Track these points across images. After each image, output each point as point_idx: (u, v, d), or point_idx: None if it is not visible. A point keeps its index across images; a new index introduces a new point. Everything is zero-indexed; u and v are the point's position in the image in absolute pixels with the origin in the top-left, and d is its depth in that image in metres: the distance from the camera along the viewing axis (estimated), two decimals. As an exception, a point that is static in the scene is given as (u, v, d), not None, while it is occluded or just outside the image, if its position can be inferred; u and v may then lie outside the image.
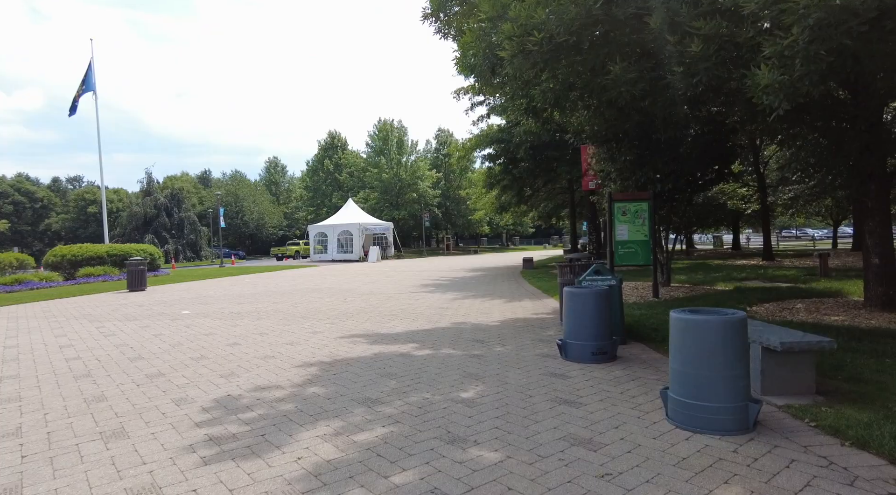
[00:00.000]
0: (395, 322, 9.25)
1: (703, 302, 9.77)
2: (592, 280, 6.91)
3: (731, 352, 3.76)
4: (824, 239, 50.75)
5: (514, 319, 9.23)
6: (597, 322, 5.97)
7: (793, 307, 8.52)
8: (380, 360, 6.33)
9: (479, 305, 11.29)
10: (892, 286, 7.84)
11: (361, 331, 8.39)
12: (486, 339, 7.42)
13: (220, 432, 4.07)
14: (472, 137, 21.24)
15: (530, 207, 29.88)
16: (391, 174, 50.13)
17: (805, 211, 26.33)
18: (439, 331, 8.16)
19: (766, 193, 21.17)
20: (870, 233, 7.91)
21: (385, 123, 54.53)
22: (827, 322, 7.17)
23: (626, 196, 10.60)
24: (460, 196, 54.72)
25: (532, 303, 11.51)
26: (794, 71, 4.04)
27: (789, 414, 4.03)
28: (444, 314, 10.03)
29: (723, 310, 4.04)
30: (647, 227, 10.39)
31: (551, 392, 4.85)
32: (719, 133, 11.17)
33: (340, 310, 10.98)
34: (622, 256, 10.46)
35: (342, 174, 60.67)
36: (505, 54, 5.83)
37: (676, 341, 3.99)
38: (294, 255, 46.29)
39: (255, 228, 66.10)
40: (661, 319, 8.10)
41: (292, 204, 73.68)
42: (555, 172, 21.26)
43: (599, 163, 13.14)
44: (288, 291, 15.90)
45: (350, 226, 38.75)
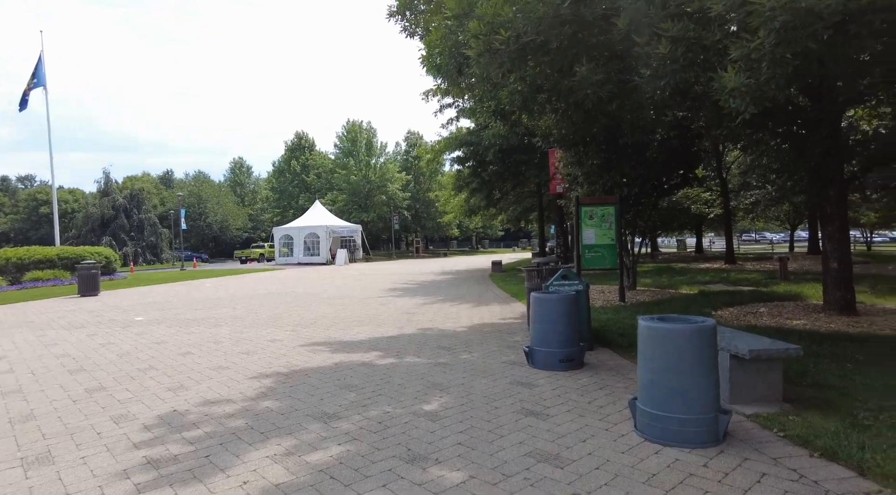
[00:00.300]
0: (360, 328, 8.96)
1: (669, 306, 9.80)
2: (560, 285, 6.79)
3: (700, 362, 3.65)
4: (782, 242, 52.55)
5: (482, 324, 9.06)
6: (564, 328, 5.83)
7: (756, 311, 8.60)
8: (340, 370, 6.05)
9: (446, 310, 11.09)
10: (850, 290, 7.98)
11: (323, 339, 8.08)
12: (452, 346, 7.22)
13: (161, 454, 3.74)
14: (441, 140, 21.09)
15: (499, 210, 29.91)
16: (360, 176, 49.55)
17: (765, 215, 27.09)
18: (405, 338, 7.91)
19: (728, 198, 21.65)
20: (829, 237, 8.04)
21: (354, 124, 53.93)
22: (789, 326, 7.23)
23: (593, 200, 10.57)
24: (430, 198, 54.54)
25: (500, 307, 11.37)
26: (761, 74, 3.98)
27: (758, 423, 3.94)
28: (411, 319, 9.78)
29: (692, 317, 3.94)
30: (614, 231, 10.38)
31: (518, 402, 4.67)
32: (685, 138, 11.27)
33: (302, 317, 10.61)
34: (589, 260, 10.42)
35: (309, 175, 59.72)
36: (471, 53, 5.65)
37: (645, 350, 3.86)
38: (258, 258, 45.26)
39: (219, 230, 64.40)
40: (627, 324, 8.05)
41: (258, 205, 72.12)
42: (523, 176, 21.27)
43: (567, 166, 13.12)
44: (249, 296, 15.38)
45: (317, 228, 38.07)
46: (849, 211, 24.73)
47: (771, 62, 3.84)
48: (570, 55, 5.95)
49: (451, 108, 19.47)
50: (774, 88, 3.97)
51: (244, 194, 76.93)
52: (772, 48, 3.80)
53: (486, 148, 18.93)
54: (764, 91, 4.07)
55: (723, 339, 4.43)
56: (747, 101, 4.13)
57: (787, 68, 3.87)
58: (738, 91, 4.11)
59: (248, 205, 73.77)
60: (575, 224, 10.47)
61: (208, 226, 62.77)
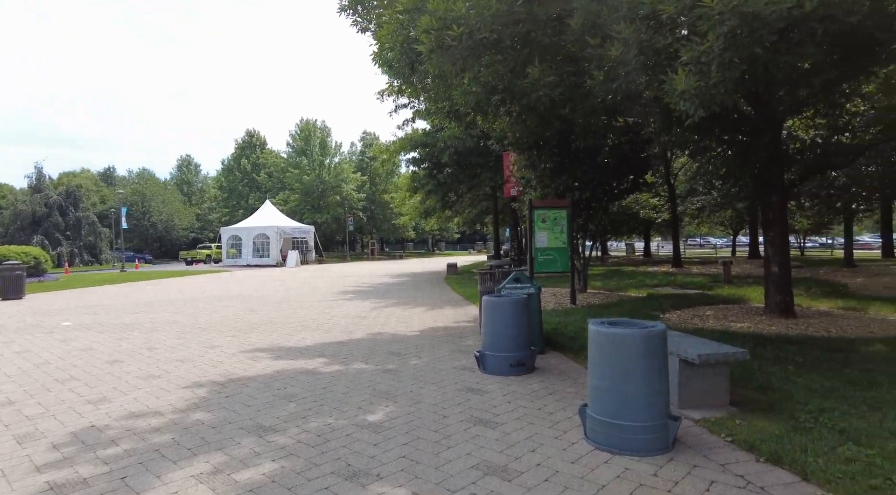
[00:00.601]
0: (306, 333, 8.60)
1: (619, 308, 9.90)
2: (512, 288, 6.69)
3: (651, 368, 3.58)
4: (724, 247, 54.89)
5: (434, 328, 8.87)
6: (515, 332, 5.72)
7: (703, 314, 8.78)
8: (281, 379, 5.72)
9: (399, 314, 10.85)
10: (789, 294, 8.25)
11: (266, 345, 7.69)
12: (402, 351, 6.99)
13: (68, 477, 3.35)
14: (396, 140, 20.83)
15: (455, 213, 29.89)
16: (313, 175, 48.54)
17: (709, 221, 28.16)
18: (353, 344, 7.63)
19: (675, 203, 22.33)
20: (770, 243, 8.29)
21: (307, 123, 52.83)
22: (734, 329, 7.38)
23: (546, 203, 10.60)
24: (386, 200, 54.03)
25: (453, 310, 11.23)
26: (710, 77, 3.97)
27: (706, 428, 3.92)
28: (361, 324, 9.49)
29: (642, 322, 3.88)
30: (566, 235, 10.42)
31: (467, 410, 4.50)
32: (635, 144, 11.47)
33: (246, 321, 10.13)
34: (542, 263, 10.42)
35: (260, 174, 58.10)
36: (423, 49, 5.48)
37: (595, 356, 3.77)
38: (205, 260, 43.54)
39: (164, 230, 61.63)
40: (578, 327, 8.04)
41: (205, 205, 69.61)
42: (479, 179, 21.28)
43: (521, 170, 13.15)
44: (192, 299, 14.65)
45: (267, 228, 36.97)
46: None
47: (719, 65, 3.83)
48: (524, 55, 5.86)
49: (406, 109, 19.24)
50: (723, 92, 3.98)
51: (192, 193, 74.12)
52: (720, 52, 3.79)
53: (442, 150, 18.81)
54: (713, 94, 4.07)
55: (672, 344, 4.40)
56: (696, 103, 4.11)
57: (735, 72, 3.88)
58: (688, 93, 4.09)
59: (195, 204, 71.07)
60: (528, 227, 10.46)
61: (152, 225, 59.97)
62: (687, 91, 4.10)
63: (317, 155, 51.09)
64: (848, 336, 6.83)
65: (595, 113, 8.59)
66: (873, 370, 5.11)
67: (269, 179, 57.19)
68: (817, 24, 3.93)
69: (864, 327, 7.37)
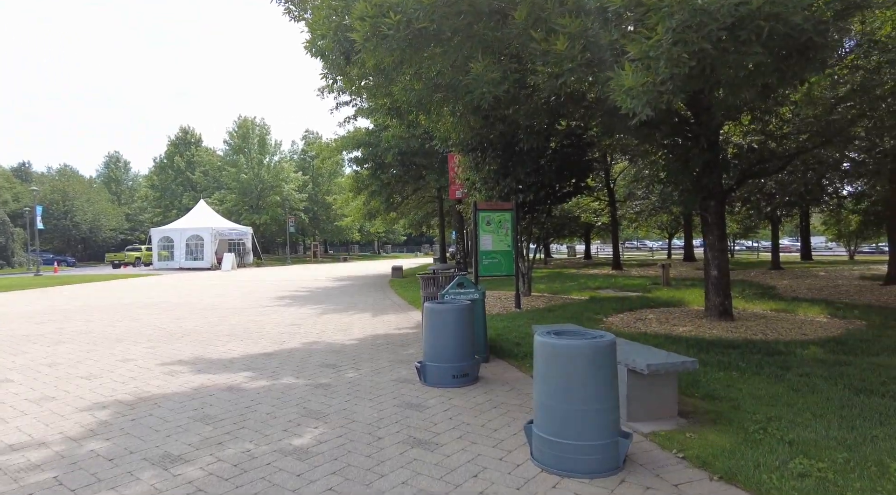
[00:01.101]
0: (234, 344, 7.95)
1: (563, 312, 9.81)
2: (455, 294, 6.37)
3: (600, 382, 3.33)
4: (660, 250, 57.19)
5: (375, 336, 8.43)
6: (458, 341, 5.39)
7: (645, 318, 8.79)
8: (200, 397, 5.14)
9: (338, 320, 10.31)
10: (728, 297, 8.37)
11: (188, 357, 7.01)
12: (338, 363, 6.52)
13: None
14: (337, 138, 20.12)
15: (400, 215, 29.39)
16: (251, 174, 46.67)
17: (647, 224, 29.05)
18: (284, 355, 7.08)
19: (615, 207, 22.82)
20: (710, 247, 8.39)
21: (245, 120, 50.74)
22: (677, 333, 7.37)
23: (491, 206, 10.38)
24: (329, 201, 52.72)
25: (396, 316, 10.80)
26: (658, 73, 3.79)
27: (657, 443, 3.71)
28: (296, 332, 8.91)
29: (589, 331, 3.63)
30: (510, 237, 10.25)
31: (404, 430, 4.12)
32: (577, 147, 11.47)
33: (169, 330, 9.32)
34: (486, 267, 10.19)
35: (195, 173, 55.35)
36: (357, 37, 5.06)
37: (541, 369, 3.49)
38: (134, 262, 40.92)
39: (89, 231, 57.55)
40: (523, 332, 7.84)
41: (136, 204, 65.62)
42: (424, 180, 20.93)
43: (465, 172, 12.92)
44: (111, 306, 13.49)
45: (201, 230, 35.15)
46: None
47: (668, 61, 3.66)
48: (466, 49, 5.56)
49: (348, 106, 18.61)
50: (671, 88, 3.81)
51: (121, 192, 69.77)
52: (669, 47, 3.61)
53: (386, 150, 18.32)
54: (660, 92, 3.90)
55: (620, 353, 4.20)
56: (643, 101, 3.93)
57: (684, 68, 3.71)
58: (635, 91, 3.90)
59: (125, 203, 66.90)
60: (473, 230, 10.20)
61: (76, 225, 55.80)
62: (634, 88, 3.91)
63: (255, 153, 49.18)
64: (784, 338, 6.94)
65: (538, 114, 8.44)
66: (811, 374, 5.12)
67: (204, 178, 54.55)
68: (764, 23, 3.83)
69: (796, 329, 7.54)
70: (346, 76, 7.17)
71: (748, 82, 4.68)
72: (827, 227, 35.34)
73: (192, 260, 35.26)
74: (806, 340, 6.77)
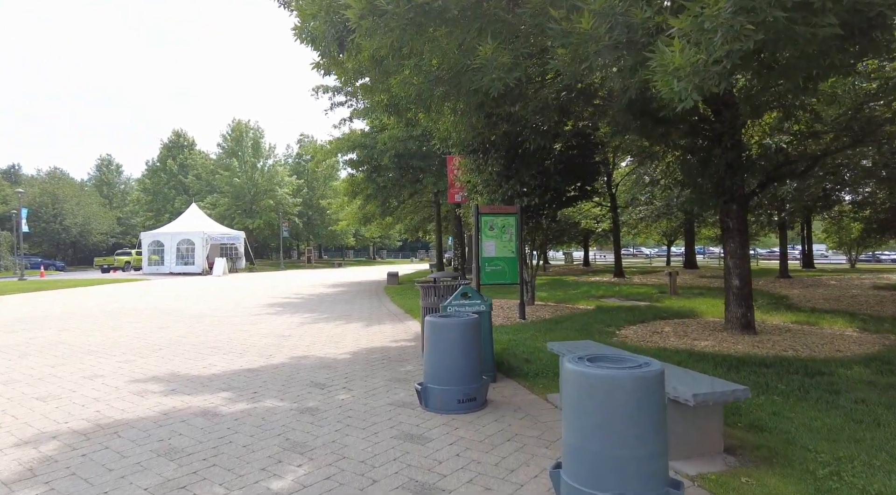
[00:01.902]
0: (216, 358, 7.28)
1: (571, 323, 9.19)
2: (459, 305, 5.75)
3: (647, 421, 2.70)
4: (658, 257, 56.81)
5: (370, 349, 7.77)
6: (465, 361, 4.76)
7: (661, 330, 8.18)
8: (169, 423, 4.48)
9: (330, 331, 9.65)
10: (750, 308, 7.79)
11: (163, 373, 6.34)
12: (328, 382, 5.86)
13: None
14: (332, 140, 19.47)
15: (396, 219, 28.75)
16: (245, 178, 45.94)
17: (648, 230, 28.53)
18: (270, 371, 6.41)
19: (617, 213, 22.28)
20: (731, 254, 7.80)
21: (239, 123, 50.04)
22: (699, 348, 6.76)
23: (494, 209, 9.78)
24: (324, 205, 52.04)
25: (393, 326, 10.15)
26: (713, 50, 3.19)
27: (707, 490, 3.09)
28: (284, 344, 8.24)
29: (629, 356, 3.01)
30: (515, 243, 9.65)
31: (404, 469, 3.48)
32: (585, 148, 10.90)
33: (147, 342, 8.63)
34: (489, 274, 9.58)
35: (188, 176, 54.58)
36: (351, 14, 4.45)
37: (572, 404, 2.85)
38: (124, 267, 40.04)
39: (79, 235, 56.54)
40: (531, 347, 7.21)
41: (128, 208, 64.66)
42: (421, 183, 20.31)
43: (466, 174, 12.32)
44: (92, 313, 12.77)
45: (192, 234, 34.38)
46: (711, 229, 26.30)
47: (727, 34, 3.06)
48: (474, 30, 4.95)
49: (343, 107, 18.03)
50: (726, 68, 3.20)
51: (113, 195, 68.79)
52: (730, 16, 3.01)
53: (382, 152, 17.69)
54: (712, 72, 3.30)
55: (658, 379, 3.57)
56: (693, 84, 3.32)
57: (747, 43, 3.11)
58: (684, 71, 3.30)
59: (116, 207, 65.92)
60: (474, 235, 9.58)
61: (65, 229, 54.79)
62: (682, 68, 3.30)
63: (249, 156, 48.47)
64: (818, 355, 6.34)
65: (547, 110, 7.85)
66: (867, 400, 4.51)
67: (197, 182, 53.77)
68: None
69: (828, 345, 6.94)
70: (341, 67, 6.55)
71: (807, 64, 4.10)
72: (828, 235, 35.04)
73: (182, 265, 34.47)
74: (844, 358, 6.17)
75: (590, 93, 8.05)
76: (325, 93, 18.05)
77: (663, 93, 3.55)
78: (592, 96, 8.06)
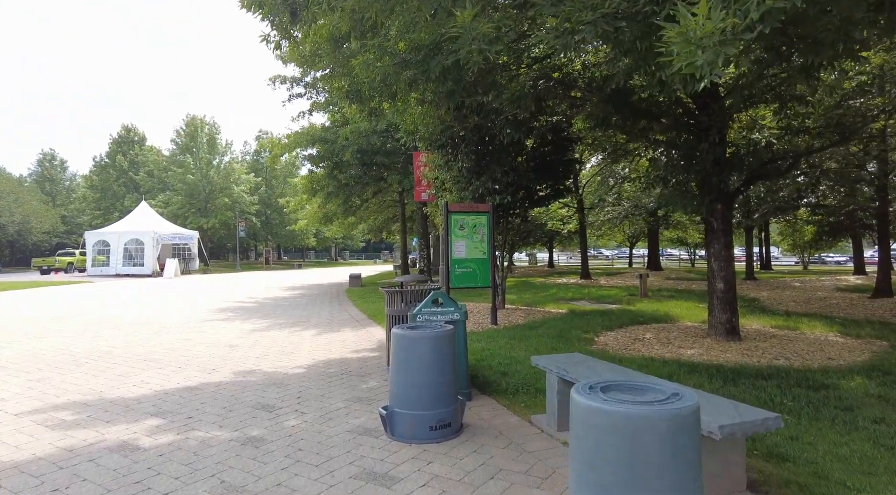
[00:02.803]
0: (151, 373, 6.36)
1: (546, 329, 8.63)
2: (430, 313, 5.06)
3: (683, 467, 2.10)
4: (616, 258, 57.58)
5: (327, 361, 6.99)
6: (438, 380, 4.08)
7: (643, 337, 7.69)
8: (72, 464, 3.62)
9: (284, 339, 8.79)
10: (735, 313, 7.40)
11: (82, 395, 5.40)
12: (277, 404, 5.07)
13: None
14: (291, 134, 18.42)
15: (359, 219, 27.77)
16: (199, 175, 43.92)
17: (612, 232, 28.52)
18: (210, 390, 5.56)
19: (584, 214, 22.03)
20: (715, 256, 7.39)
21: (194, 118, 47.88)
22: (687, 357, 6.29)
23: (464, 208, 9.16)
24: (283, 204, 50.42)
25: (353, 333, 9.37)
26: (748, 11, 2.61)
27: (744, 549, 2.50)
28: (230, 356, 7.36)
29: (651, 383, 2.40)
30: (487, 243, 9.06)
31: (366, 526, 2.77)
32: (558, 144, 10.40)
33: (73, 354, 7.59)
34: (459, 277, 8.97)
35: (139, 173, 51.95)
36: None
37: (587, 446, 2.22)
38: (66, 268, 37.53)
39: (17, 234, 52.96)
40: (507, 356, 6.59)
41: (73, 206, 61.11)
42: (385, 181, 19.48)
43: (434, 170, 11.66)
44: (14, 320, 11.45)
45: (141, 233, 32.47)
46: (673, 231, 26.24)
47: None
48: (450, -5, 4.29)
49: (302, 99, 17.09)
50: (766, 31, 2.63)
51: (56, 192, 64.91)
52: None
53: (344, 147, 16.80)
54: (743, 41, 2.72)
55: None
56: (719, 55, 2.74)
57: (786, 2, 2.54)
58: (711, 39, 2.71)
59: (60, 205, 62.19)
60: (443, 235, 8.93)
61: (1, 228, 51.26)
62: (708, 35, 2.71)
63: (204, 153, 46.41)
64: (811, 364, 5.94)
65: (523, 99, 7.23)
66: (887, 420, 4.06)
67: (149, 179, 51.20)
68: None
69: (817, 352, 6.59)
70: (294, 42, 5.78)
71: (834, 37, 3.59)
72: (783, 238, 35.99)
73: (130, 265, 32.52)
74: (840, 367, 5.78)
75: (568, 82, 7.50)
76: (282, 83, 17.10)
77: (684, 68, 2.94)
78: (571, 86, 7.51)
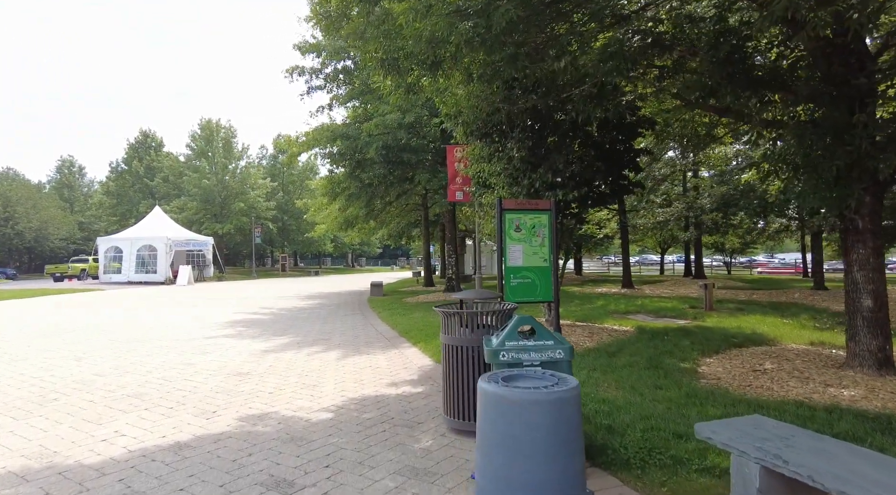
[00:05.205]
0: (131, 417, 4.82)
1: (629, 354, 6.95)
2: (517, 350, 3.45)
3: None
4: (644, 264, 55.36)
5: (360, 400, 5.41)
6: (559, 467, 2.47)
7: (762, 367, 5.97)
8: None
9: (303, 364, 7.24)
10: (888, 338, 5.65)
11: (20, 460, 3.87)
12: (295, 476, 3.48)
13: None
14: (309, 131, 16.95)
15: (380, 224, 26.25)
16: (214, 180, 42.93)
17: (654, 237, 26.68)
18: (205, 450, 3.99)
19: (625, 216, 20.28)
20: (860, 264, 5.67)
21: (209, 122, 47.01)
22: (843, 401, 4.57)
23: (521, 205, 7.53)
24: (300, 209, 49.30)
25: (386, 357, 7.79)
26: None
27: None
28: (237, 391, 5.81)
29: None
30: (549, 248, 7.43)
31: None
32: (630, 129, 8.75)
33: (43, 385, 6.09)
34: (515, 289, 7.35)
35: (154, 179, 51.28)
36: None
37: None
38: (80, 275, 36.66)
39: (34, 240, 52.58)
40: (601, 400, 4.95)
41: (90, 212, 60.77)
42: (411, 182, 17.91)
43: (476, 164, 10.06)
44: (1, 335, 10.08)
45: (155, 239, 31.40)
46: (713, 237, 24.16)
47: None
48: None
49: (321, 92, 15.66)
50: None
51: (74, 199, 64.75)
52: None
53: (367, 143, 15.29)
54: None
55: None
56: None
57: None
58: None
59: (78, 211, 61.92)
60: (498, 237, 7.31)
61: (18, 234, 50.84)
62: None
63: (219, 157, 45.46)
64: None
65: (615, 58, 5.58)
66: None
67: (164, 185, 50.50)
68: None
69: None
70: None
71: None
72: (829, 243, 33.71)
73: (143, 272, 31.44)
74: None
75: (666, 42, 5.86)
76: (300, 75, 15.72)
77: None
78: (669, 47, 5.87)
